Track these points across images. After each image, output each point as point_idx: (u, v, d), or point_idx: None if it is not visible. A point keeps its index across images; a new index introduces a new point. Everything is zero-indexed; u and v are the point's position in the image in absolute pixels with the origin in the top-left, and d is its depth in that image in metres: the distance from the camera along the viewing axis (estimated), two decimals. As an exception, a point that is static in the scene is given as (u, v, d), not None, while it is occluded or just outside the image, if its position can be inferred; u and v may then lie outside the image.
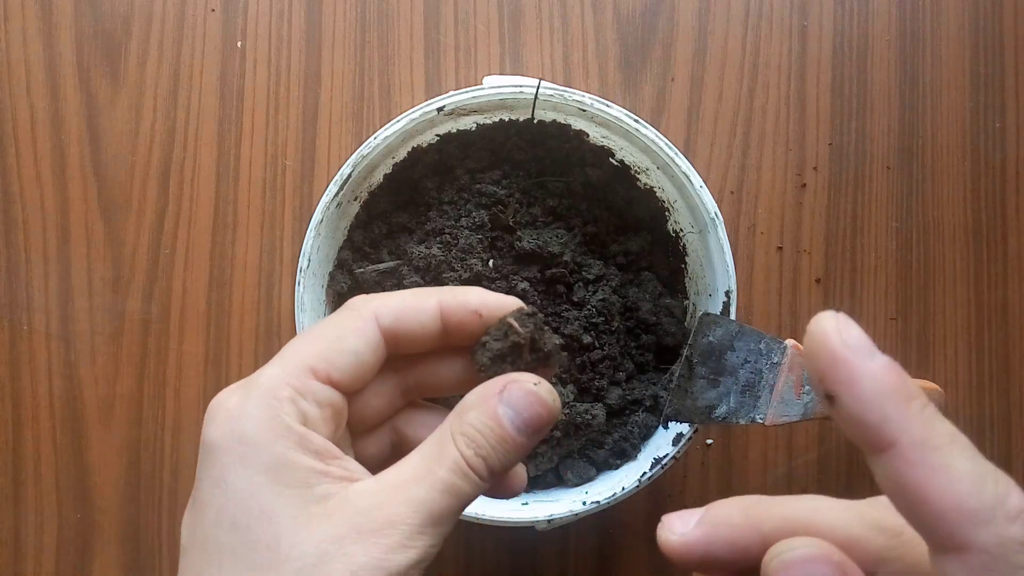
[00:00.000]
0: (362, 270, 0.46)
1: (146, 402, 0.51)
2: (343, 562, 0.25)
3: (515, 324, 0.29)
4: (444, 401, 0.41)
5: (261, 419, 0.26)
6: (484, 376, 0.29)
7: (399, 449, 0.32)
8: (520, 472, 0.32)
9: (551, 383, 0.29)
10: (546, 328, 0.30)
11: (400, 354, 0.30)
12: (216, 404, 0.28)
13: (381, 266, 0.46)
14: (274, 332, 0.51)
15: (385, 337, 0.29)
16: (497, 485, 0.31)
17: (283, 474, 0.26)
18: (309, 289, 0.44)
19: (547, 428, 0.28)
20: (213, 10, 0.51)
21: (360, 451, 0.31)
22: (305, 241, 0.43)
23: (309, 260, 0.43)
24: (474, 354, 0.30)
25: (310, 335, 0.29)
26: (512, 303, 0.30)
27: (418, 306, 0.29)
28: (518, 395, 0.27)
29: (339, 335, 0.29)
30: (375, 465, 0.29)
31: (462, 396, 0.28)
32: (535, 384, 0.28)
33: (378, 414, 0.31)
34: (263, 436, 0.26)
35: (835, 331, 0.22)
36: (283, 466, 0.26)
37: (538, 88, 0.43)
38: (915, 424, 0.21)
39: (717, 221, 0.44)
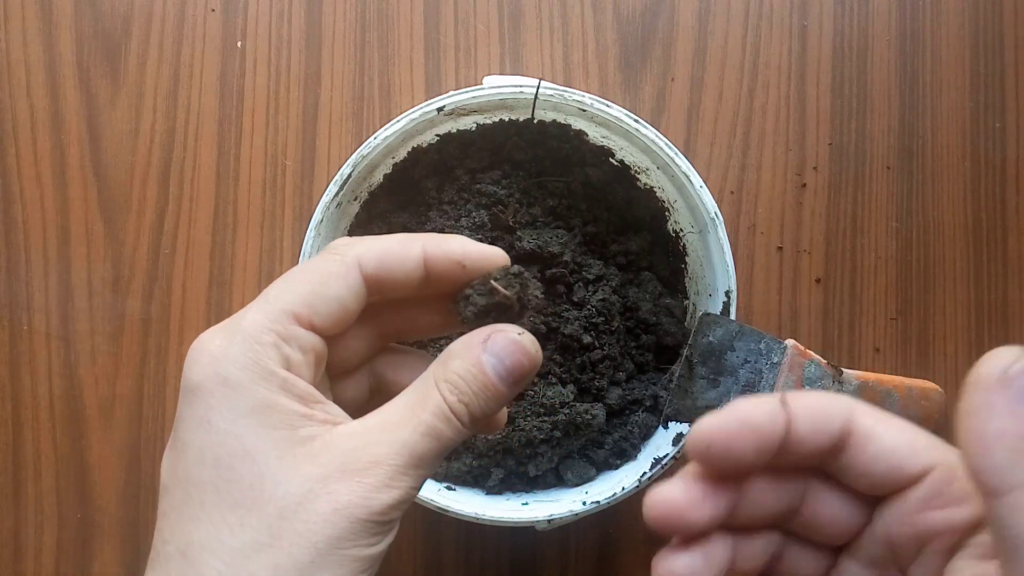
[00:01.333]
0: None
1: (146, 402, 0.51)
2: (327, 500, 0.26)
3: (499, 287, 0.29)
4: (420, 344, 0.43)
5: (245, 363, 0.27)
6: (468, 328, 0.29)
7: (377, 392, 0.32)
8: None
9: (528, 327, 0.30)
10: (530, 282, 0.30)
11: (381, 299, 0.31)
12: (198, 346, 0.28)
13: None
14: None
15: (367, 283, 0.29)
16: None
17: (267, 416, 0.26)
18: (309, 289, 0.44)
19: (529, 377, 0.29)
20: (213, 10, 0.51)
21: (339, 395, 0.32)
22: (305, 241, 0.43)
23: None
24: (457, 304, 0.30)
25: (292, 279, 0.29)
26: (495, 256, 0.30)
27: (402, 253, 0.29)
28: (502, 344, 0.28)
29: (322, 280, 0.29)
30: (354, 409, 0.30)
31: (439, 339, 0.29)
32: (519, 334, 0.28)
33: (357, 357, 0.32)
34: (247, 379, 0.26)
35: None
36: (267, 408, 0.26)
37: (538, 88, 0.43)
38: None
39: (717, 221, 0.44)
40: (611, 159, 0.47)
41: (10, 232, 0.51)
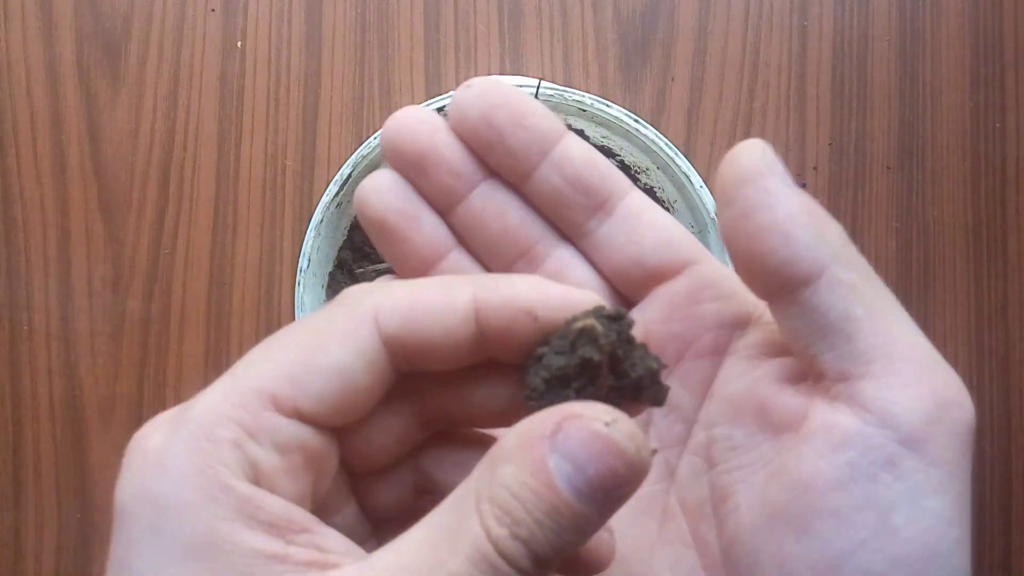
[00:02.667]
0: (362, 270, 0.46)
1: (146, 402, 0.50)
2: None
3: (589, 330, 0.19)
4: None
5: (186, 472, 0.18)
6: (535, 408, 0.19)
7: (426, 493, 0.23)
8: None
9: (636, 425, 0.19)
10: (636, 340, 0.20)
11: (416, 371, 0.21)
12: (134, 444, 0.19)
13: (381, 266, 0.46)
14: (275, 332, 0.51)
15: (391, 348, 0.20)
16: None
17: (212, 560, 0.17)
18: (309, 289, 0.43)
19: (627, 493, 0.18)
20: (213, 10, 0.51)
21: (370, 499, 0.22)
22: (305, 241, 0.43)
23: (309, 260, 0.43)
24: (525, 374, 0.20)
25: (278, 341, 0.20)
26: (586, 299, 0.20)
27: (441, 304, 0.20)
28: (579, 438, 0.18)
29: (317, 344, 0.20)
30: (393, 516, 0.22)
31: None
32: (608, 423, 0.18)
33: (387, 454, 0.22)
34: (187, 499, 0.18)
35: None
36: (212, 548, 0.17)
37: (538, 88, 0.43)
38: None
39: (717, 221, 0.44)
40: (611, 158, 0.47)
41: (10, 232, 0.51)
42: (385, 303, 0.20)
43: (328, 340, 0.19)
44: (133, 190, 0.51)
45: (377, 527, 0.22)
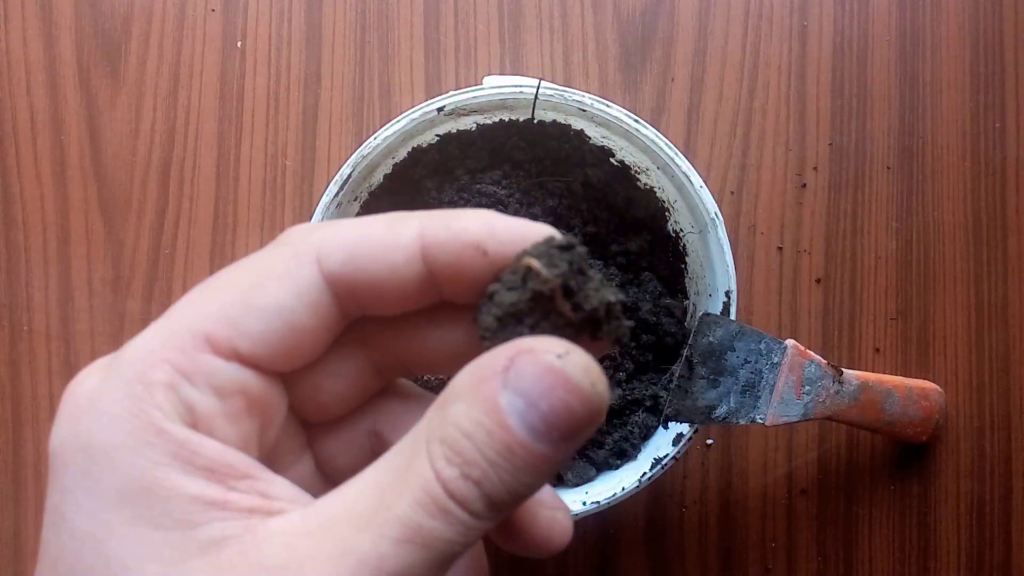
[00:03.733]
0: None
1: (146, 402, 0.50)
2: None
3: (537, 264, 0.18)
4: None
5: (119, 416, 0.17)
6: (489, 347, 0.18)
7: (380, 453, 0.21)
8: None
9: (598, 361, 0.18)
10: (592, 270, 0.19)
11: (367, 314, 0.20)
12: (68, 390, 0.19)
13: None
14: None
15: (336, 288, 0.19)
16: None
17: (147, 506, 0.17)
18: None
19: (584, 429, 0.17)
20: (213, 10, 0.51)
21: (327, 457, 0.22)
22: (305, 241, 0.43)
23: (309, 260, 0.43)
24: (478, 313, 0.19)
25: (216, 281, 0.19)
26: (537, 231, 0.19)
27: (386, 240, 0.19)
28: (532, 373, 0.17)
29: (256, 283, 0.19)
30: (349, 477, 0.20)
31: None
32: (559, 355, 0.17)
33: (342, 402, 0.21)
34: (120, 444, 0.17)
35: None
36: (146, 493, 0.17)
37: (538, 88, 0.43)
38: None
39: (717, 221, 0.44)
40: (611, 159, 0.47)
41: (10, 232, 0.51)
42: (328, 240, 0.19)
43: (267, 278, 0.19)
44: (133, 190, 0.51)
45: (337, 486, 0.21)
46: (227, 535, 0.17)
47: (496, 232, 0.19)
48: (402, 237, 0.19)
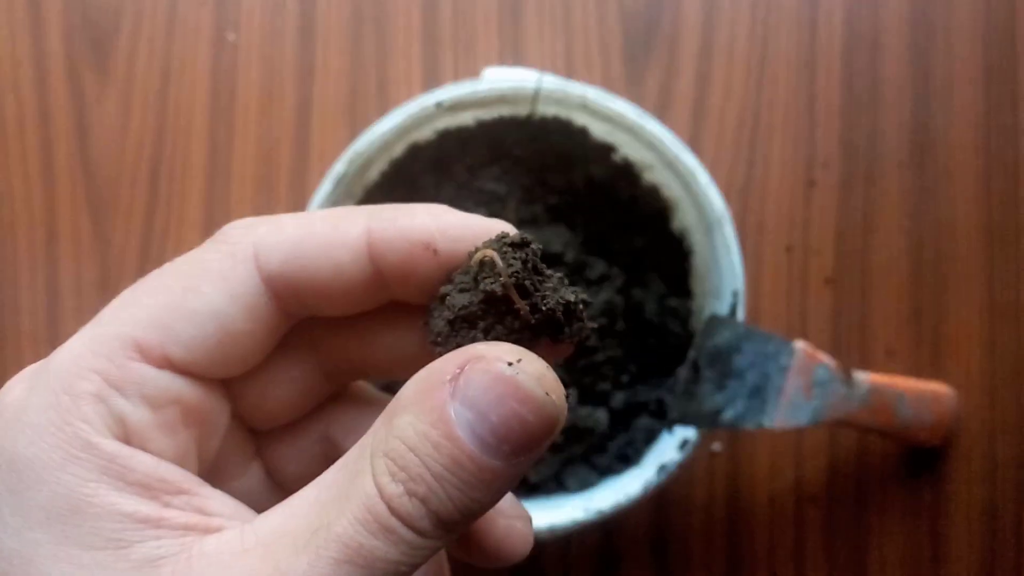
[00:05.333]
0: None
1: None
2: None
3: (494, 256, 0.17)
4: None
5: (44, 430, 0.16)
6: (442, 353, 0.17)
7: (333, 459, 0.20)
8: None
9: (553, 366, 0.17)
10: (548, 270, 0.18)
11: (311, 312, 0.19)
12: None
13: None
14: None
15: (276, 288, 0.18)
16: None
17: (76, 525, 0.16)
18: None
19: (539, 442, 0.16)
20: (205, 3, 0.50)
21: (277, 465, 0.21)
22: (298, 240, 0.42)
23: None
24: (429, 317, 0.19)
25: (146, 284, 0.19)
26: (490, 227, 0.18)
27: (330, 237, 0.18)
28: (481, 382, 0.16)
29: (188, 285, 0.18)
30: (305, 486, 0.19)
31: None
32: (511, 362, 0.16)
33: (291, 408, 0.20)
34: (45, 459, 0.16)
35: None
36: (75, 511, 0.16)
37: (539, 82, 0.42)
38: None
39: (724, 219, 0.42)
40: (614, 155, 0.46)
41: (-4, 231, 0.50)
42: (266, 239, 0.18)
43: (200, 281, 0.18)
44: (122, 188, 0.50)
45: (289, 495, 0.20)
46: (161, 554, 0.16)
47: (447, 229, 0.18)
48: (347, 235, 0.18)
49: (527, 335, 0.18)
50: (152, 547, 0.16)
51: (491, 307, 0.17)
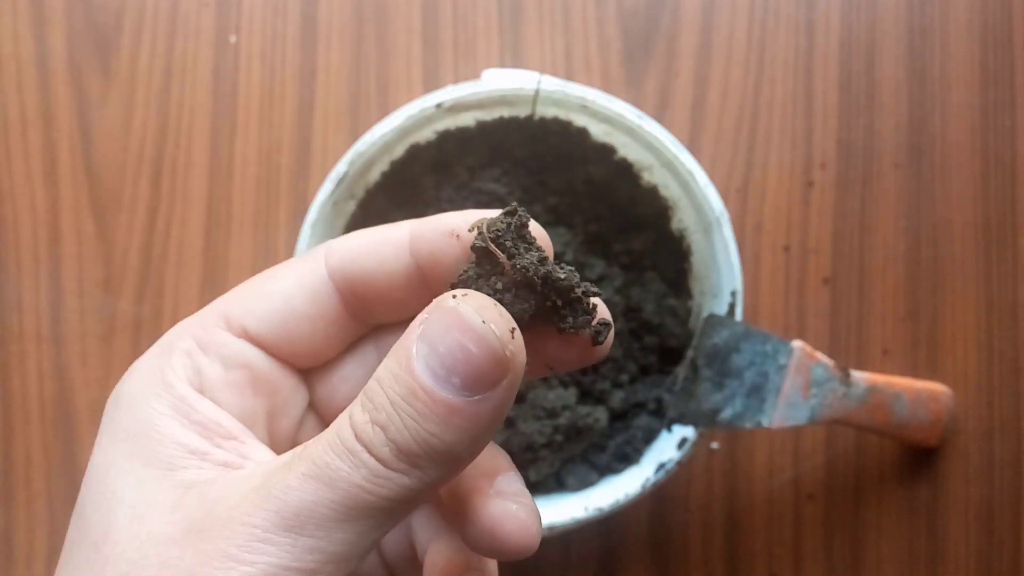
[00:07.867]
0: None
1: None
2: (151, 573, 0.18)
3: (479, 223, 0.20)
4: None
5: (143, 372, 0.20)
6: None
7: None
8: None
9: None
10: (532, 238, 0.20)
11: (375, 314, 0.22)
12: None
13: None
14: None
15: (341, 285, 0.21)
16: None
17: (143, 446, 0.19)
18: (304, 290, 0.43)
19: (487, 378, 0.17)
20: (207, 5, 0.50)
21: None
22: (299, 241, 0.42)
23: (304, 260, 0.42)
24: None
25: (255, 276, 0.22)
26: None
27: (379, 237, 0.21)
28: (434, 318, 0.18)
29: (273, 274, 0.22)
30: None
31: None
32: (456, 297, 0.18)
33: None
34: (137, 393, 0.20)
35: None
36: (144, 434, 0.19)
37: (539, 84, 0.42)
38: None
39: (723, 219, 0.43)
40: (613, 156, 0.46)
41: (0, 231, 0.50)
42: (335, 243, 0.22)
43: (283, 270, 0.22)
44: (124, 188, 0.50)
45: None
46: (199, 479, 0.19)
47: (470, 219, 0.21)
48: (393, 235, 0.21)
49: (511, 299, 0.19)
50: (194, 473, 0.19)
51: (481, 269, 0.20)
